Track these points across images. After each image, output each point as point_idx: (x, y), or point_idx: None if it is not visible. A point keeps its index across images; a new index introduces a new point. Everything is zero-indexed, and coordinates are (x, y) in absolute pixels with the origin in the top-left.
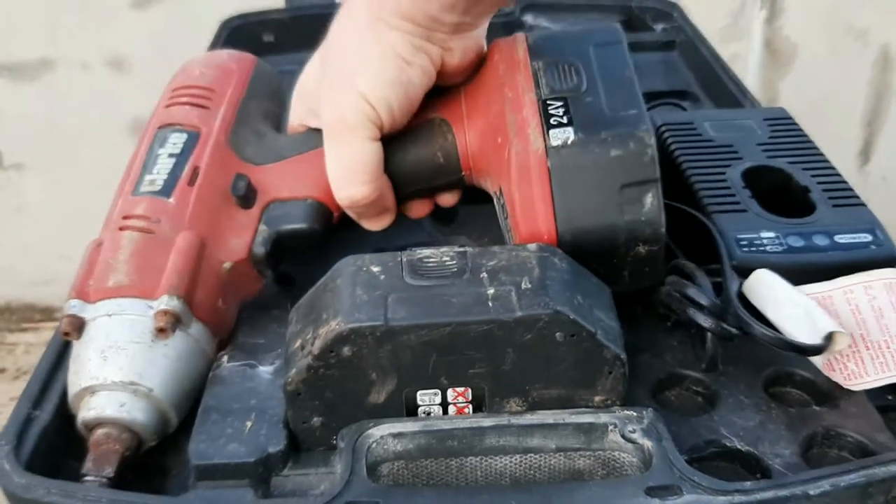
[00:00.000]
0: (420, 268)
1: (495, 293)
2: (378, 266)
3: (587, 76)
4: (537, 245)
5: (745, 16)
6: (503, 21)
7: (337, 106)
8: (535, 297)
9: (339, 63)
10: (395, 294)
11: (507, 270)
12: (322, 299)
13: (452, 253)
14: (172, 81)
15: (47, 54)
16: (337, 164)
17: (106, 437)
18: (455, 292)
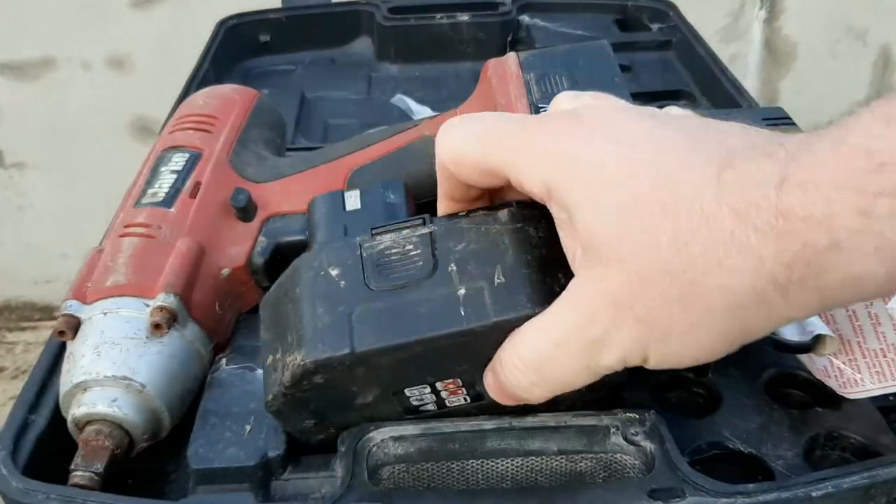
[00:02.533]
0: (382, 264)
1: (466, 294)
2: (337, 267)
3: (577, 84)
4: (508, 212)
5: (744, 16)
6: (500, 20)
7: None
8: (509, 296)
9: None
10: (359, 308)
11: (477, 257)
12: (284, 309)
13: (416, 238)
14: (177, 112)
15: (49, 53)
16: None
17: (96, 434)
18: (423, 297)
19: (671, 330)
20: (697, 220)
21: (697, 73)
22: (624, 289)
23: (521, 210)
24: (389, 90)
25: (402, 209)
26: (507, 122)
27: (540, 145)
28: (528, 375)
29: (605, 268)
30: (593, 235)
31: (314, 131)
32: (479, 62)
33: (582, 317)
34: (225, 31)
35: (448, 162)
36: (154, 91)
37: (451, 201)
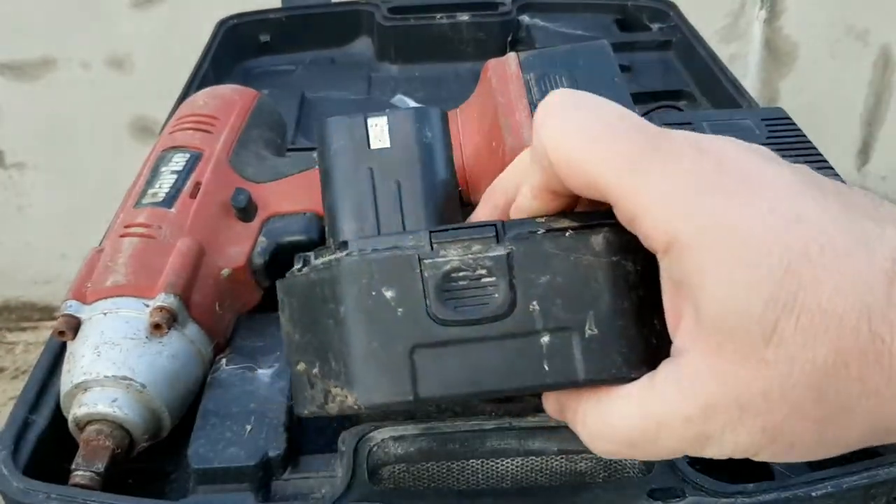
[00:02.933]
0: (449, 291)
1: (551, 343)
2: (392, 287)
3: (577, 84)
4: (604, 239)
5: (744, 16)
6: (500, 20)
7: None
8: (603, 354)
9: None
10: (422, 347)
11: (565, 296)
12: (322, 321)
13: (489, 262)
14: (177, 112)
15: (48, 54)
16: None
17: (97, 434)
18: (499, 340)
19: (799, 444)
20: (864, 340)
21: (697, 74)
22: (758, 396)
23: (619, 236)
24: (389, 90)
25: (440, 150)
26: (634, 136)
27: (670, 187)
28: (614, 445)
29: (737, 365)
30: (726, 321)
31: (314, 131)
32: (479, 62)
33: (695, 408)
34: (225, 31)
35: (551, 153)
36: (154, 91)
37: (544, 193)
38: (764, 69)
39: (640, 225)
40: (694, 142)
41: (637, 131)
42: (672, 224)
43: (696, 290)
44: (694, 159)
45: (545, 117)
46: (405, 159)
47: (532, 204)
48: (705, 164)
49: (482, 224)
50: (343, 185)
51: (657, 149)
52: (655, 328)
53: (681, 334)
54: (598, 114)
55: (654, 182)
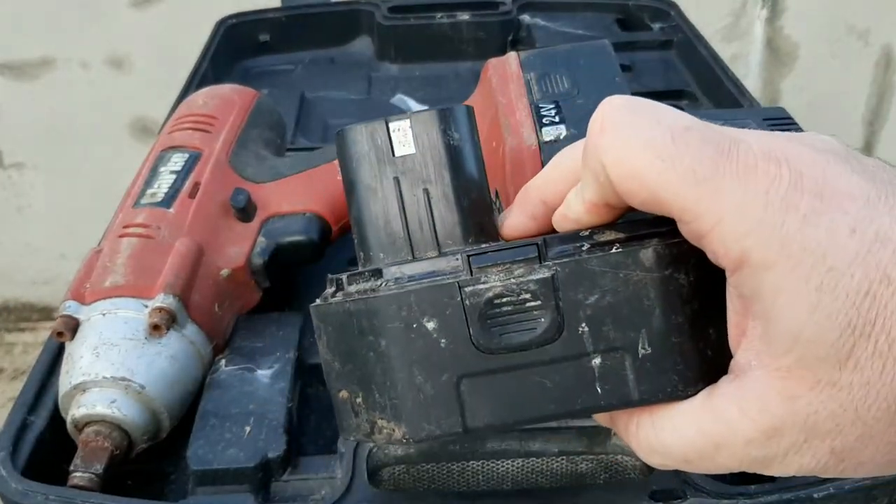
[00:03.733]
0: (492, 318)
1: (603, 365)
2: (433, 318)
3: (577, 83)
4: (654, 253)
5: (746, 15)
6: (500, 20)
7: None
8: (658, 373)
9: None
10: (468, 377)
11: (615, 314)
12: (362, 354)
13: (533, 285)
14: (176, 112)
15: (48, 53)
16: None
17: (96, 435)
18: (549, 366)
19: (869, 463)
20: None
21: (699, 73)
22: (828, 420)
23: (670, 248)
24: (389, 90)
25: (468, 151)
26: (703, 147)
27: (744, 202)
28: (668, 460)
29: (807, 388)
30: (799, 344)
31: (314, 131)
32: (480, 62)
33: (759, 431)
34: (224, 30)
35: (612, 168)
36: (153, 91)
37: (598, 207)
38: (765, 69)
39: (709, 241)
40: (767, 149)
41: (705, 141)
42: (746, 241)
43: (768, 309)
44: (768, 171)
45: (603, 129)
46: (432, 165)
47: (583, 217)
48: (781, 175)
49: (523, 244)
50: (369, 196)
51: (728, 160)
52: (710, 339)
53: (745, 351)
54: (662, 123)
55: (726, 196)
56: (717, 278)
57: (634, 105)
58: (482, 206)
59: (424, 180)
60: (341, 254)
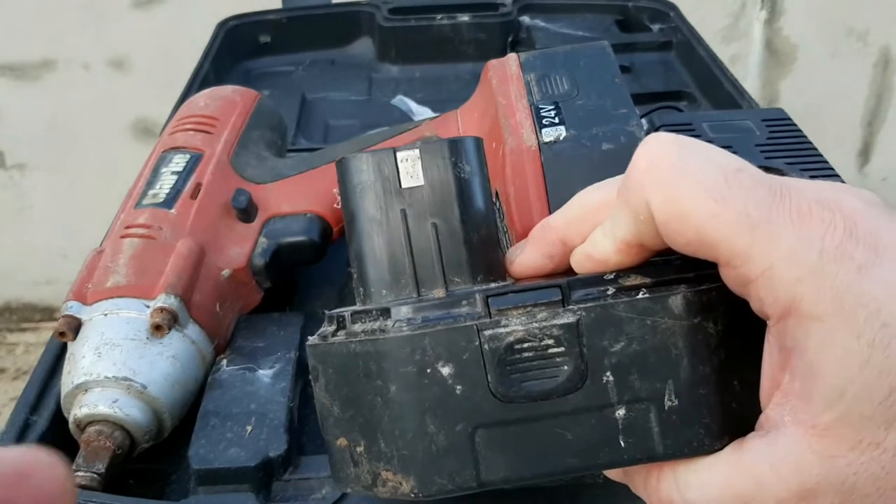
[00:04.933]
0: (512, 364)
1: (627, 417)
2: (449, 363)
3: (577, 85)
4: (683, 300)
5: (745, 16)
6: (500, 21)
7: None
8: (684, 427)
9: None
10: (485, 427)
11: (641, 363)
12: (367, 398)
13: (557, 330)
14: (177, 113)
15: (49, 54)
16: None
17: (97, 435)
18: (570, 417)
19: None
20: None
21: (698, 74)
22: (868, 482)
23: (699, 296)
24: (390, 91)
25: (478, 184)
26: (756, 190)
27: (797, 249)
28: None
29: (847, 448)
30: (843, 402)
31: (315, 132)
32: (480, 63)
33: (792, 492)
34: (225, 31)
35: (658, 208)
36: (154, 92)
37: (630, 248)
38: (764, 70)
39: (757, 287)
40: (819, 196)
41: (758, 184)
42: (797, 288)
43: (812, 362)
44: (822, 218)
45: (651, 166)
46: (441, 198)
47: (612, 258)
48: (836, 223)
49: (545, 286)
50: (373, 229)
51: (782, 203)
52: (736, 391)
53: (778, 406)
54: (713, 163)
55: (778, 242)
56: (745, 329)
57: (683, 142)
58: (491, 242)
59: (433, 214)
60: (341, 254)
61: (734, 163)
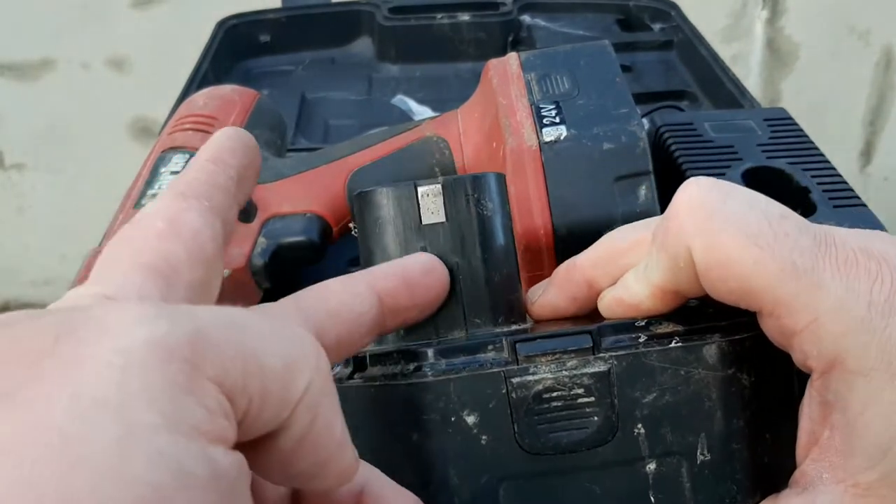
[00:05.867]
0: (540, 414)
1: (658, 472)
2: (474, 412)
3: (578, 84)
4: (718, 349)
5: (746, 16)
6: (500, 21)
7: None
8: (716, 482)
9: None
10: (509, 479)
11: (674, 415)
12: (392, 445)
13: (587, 380)
14: (176, 113)
15: (48, 54)
16: None
17: None
18: (599, 470)
19: None
20: None
21: (699, 74)
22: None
23: (734, 346)
24: (390, 91)
25: (500, 224)
26: (800, 237)
27: (845, 301)
28: None
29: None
30: (887, 460)
31: (314, 132)
32: (480, 62)
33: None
34: (225, 31)
35: (700, 253)
36: (153, 92)
37: (666, 294)
38: (766, 69)
39: (801, 339)
40: (863, 246)
41: (803, 231)
42: (843, 342)
43: (855, 419)
44: (869, 269)
45: (692, 210)
46: (463, 236)
47: (645, 303)
48: (883, 275)
49: (575, 332)
50: (387, 263)
51: (827, 253)
52: (768, 445)
53: (815, 462)
54: (757, 209)
55: (826, 293)
56: (778, 380)
57: (725, 187)
58: (512, 283)
59: (454, 252)
60: (341, 254)
61: (777, 209)
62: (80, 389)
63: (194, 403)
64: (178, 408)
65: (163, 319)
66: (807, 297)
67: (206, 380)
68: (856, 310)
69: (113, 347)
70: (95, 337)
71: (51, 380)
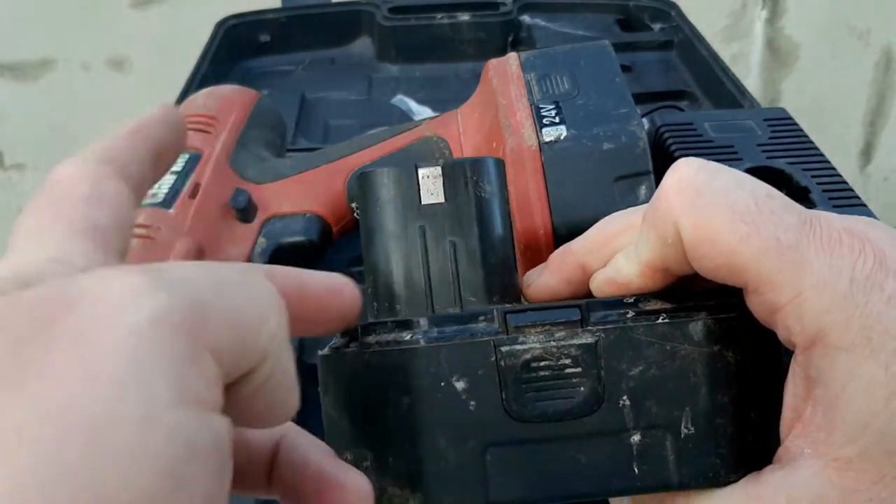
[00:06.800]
0: (528, 382)
1: (642, 443)
2: (463, 378)
3: (578, 84)
4: (704, 326)
5: (746, 16)
6: (500, 21)
7: None
8: (700, 456)
9: None
10: (497, 445)
11: (659, 390)
12: (380, 410)
13: (575, 350)
14: None
15: (48, 54)
16: None
17: None
18: (584, 440)
19: None
20: None
21: (699, 74)
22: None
23: (720, 324)
24: (390, 91)
25: (497, 205)
26: (787, 215)
27: (829, 277)
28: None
29: (868, 483)
30: (867, 435)
31: (314, 132)
32: (480, 62)
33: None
34: (224, 31)
35: (687, 229)
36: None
37: (655, 272)
38: (766, 69)
39: (784, 314)
40: (847, 226)
41: (788, 210)
42: (826, 317)
43: (836, 394)
44: (852, 247)
45: (681, 189)
46: (461, 217)
47: (634, 281)
48: (866, 253)
49: (565, 305)
50: (391, 244)
51: (812, 230)
52: (752, 423)
53: (798, 438)
54: (745, 188)
55: (809, 269)
56: (765, 360)
57: (713, 167)
58: (507, 265)
59: (452, 232)
60: (341, 254)
61: (763, 189)
62: (94, 369)
63: (197, 375)
64: (186, 381)
65: (161, 291)
66: (790, 273)
67: (205, 350)
68: (838, 286)
69: (120, 324)
70: (98, 313)
71: (62, 361)
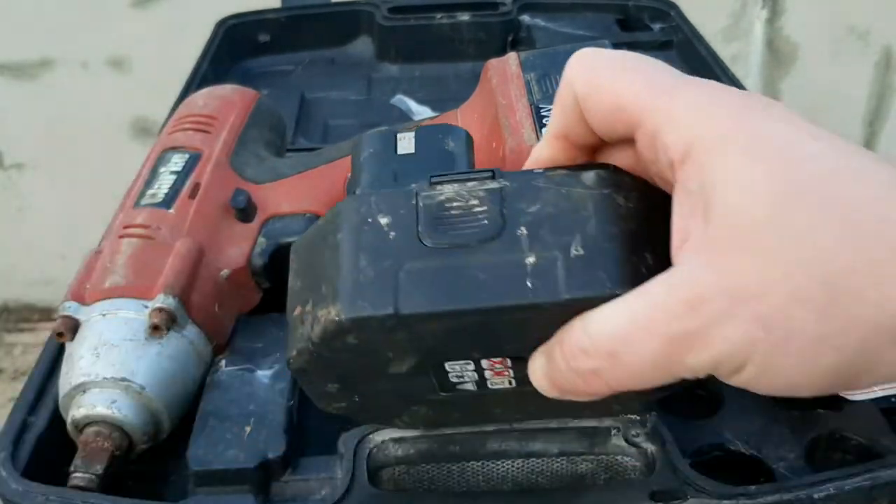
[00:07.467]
0: (441, 218)
1: (536, 263)
2: (387, 216)
3: None
4: (596, 174)
5: (746, 16)
6: (500, 21)
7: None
8: (587, 271)
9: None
10: (409, 265)
11: (553, 222)
12: (320, 256)
13: (483, 193)
14: (176, 112)
15: (47, 54)
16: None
17: (96, 436)
18: (484, 262)
19: (792, 339)
20: (874, 223)
21: (699, 73)
22: (755, 282)
23: (612, 175)
24: (389, 90)
25: (462, 160)
26: (663, 68)
27: (697, 101)
28: (594, 360)
29: (736, 256)
30: (735, 217)
31: (314, 132)
32: (480, 62)
33: (682, 301)
34: (224, 31)
35: (580, 85)
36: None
37: (558, 140)
38: (765, 69)
39: (661, 136)
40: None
41: (664, 66)
42: (694, 130)
43: (708, 190)
44: (719, 86)
45: (578, 56)
46: (427, 163)
47: (543, 153)
48: (731, 90)
49: (480, 171)
50: (368, 184)
51: (685, 78)
52: (647, 261)
53: (681, 252)
54: (628, 54)
55: (681, 97)
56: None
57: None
58: None
59: (419, 174)
60: None
61: (647, 56)
62: None
63: None
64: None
65: None
66: (666, 100)
67: None
68: (703, 106)
69: None
70: None
71: None
